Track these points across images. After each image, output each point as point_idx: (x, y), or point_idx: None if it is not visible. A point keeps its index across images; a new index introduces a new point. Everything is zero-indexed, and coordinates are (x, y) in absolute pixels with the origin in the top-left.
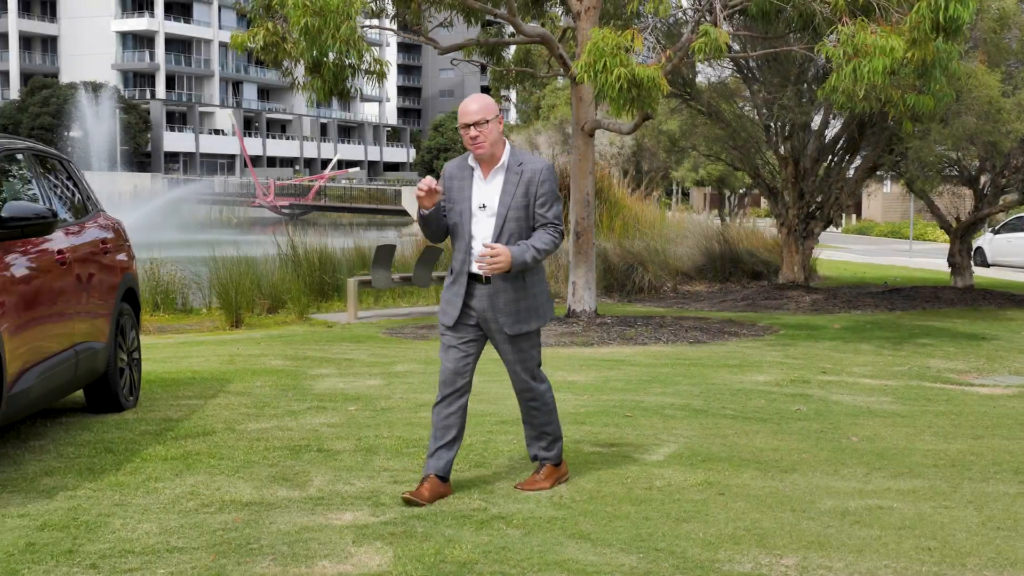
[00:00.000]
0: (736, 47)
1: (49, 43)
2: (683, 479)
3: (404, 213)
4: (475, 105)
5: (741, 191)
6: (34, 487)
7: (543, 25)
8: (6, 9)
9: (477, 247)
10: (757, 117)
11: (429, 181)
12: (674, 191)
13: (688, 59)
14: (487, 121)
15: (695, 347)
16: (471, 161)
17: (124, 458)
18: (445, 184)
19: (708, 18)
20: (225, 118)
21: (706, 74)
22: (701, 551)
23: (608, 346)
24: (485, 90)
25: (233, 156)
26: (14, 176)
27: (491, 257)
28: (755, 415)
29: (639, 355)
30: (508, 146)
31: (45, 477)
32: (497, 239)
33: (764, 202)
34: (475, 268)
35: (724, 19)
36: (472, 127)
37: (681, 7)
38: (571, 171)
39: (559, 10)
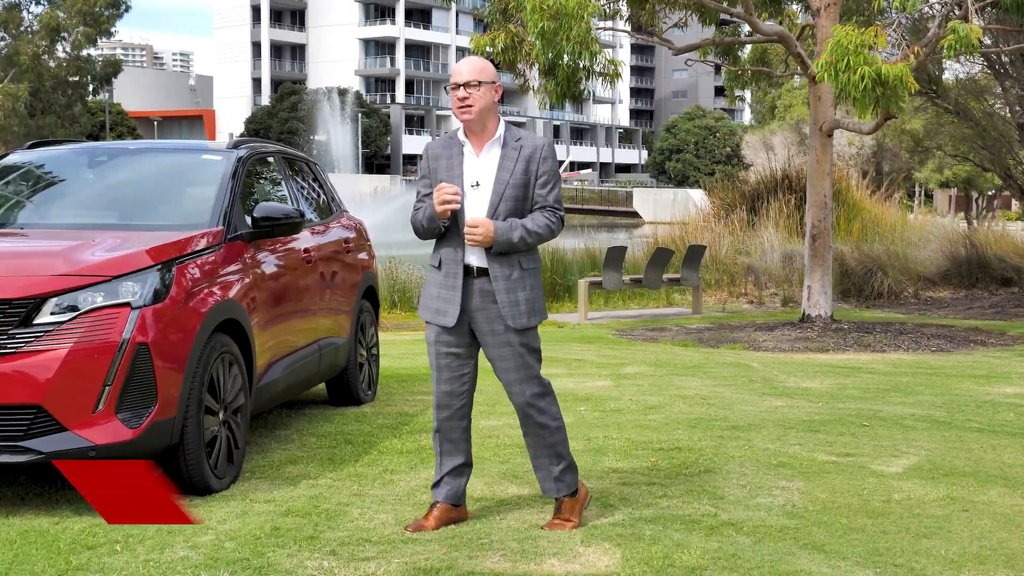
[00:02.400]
0: (987, 41)
1: (298, 51)
2: (924, 493)
3: (635, 215)
4: (467, 66)
5: (990, 193)
6: (279, 475)
7: (780, 23)
8: (259, 20)
9: None
10: (1009, 115)
11: (454, 189)
12: (916, 193)
13: (935, 55)
14: (479, 83)
15: (938, 356)
16: (460, 136)
17: (362, 450)
18: (429, 165)
19: (956, 12)
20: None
21: (953, 70)
22: (942, 569)
23: (844, 352)
24: (719, 91)
25: None
26: (265, 178)
27: (470, 229)
28: (1003, 429)
29: (877, 363)
30: (503, 121)
31: (289, 465)
32: (491, 218)
33: (1016, 204)
34: (470, 259)
35: (975, 12)
36: (462, 87)
37: (928, 1)
38: (808, 172)
39: (797, 7)
